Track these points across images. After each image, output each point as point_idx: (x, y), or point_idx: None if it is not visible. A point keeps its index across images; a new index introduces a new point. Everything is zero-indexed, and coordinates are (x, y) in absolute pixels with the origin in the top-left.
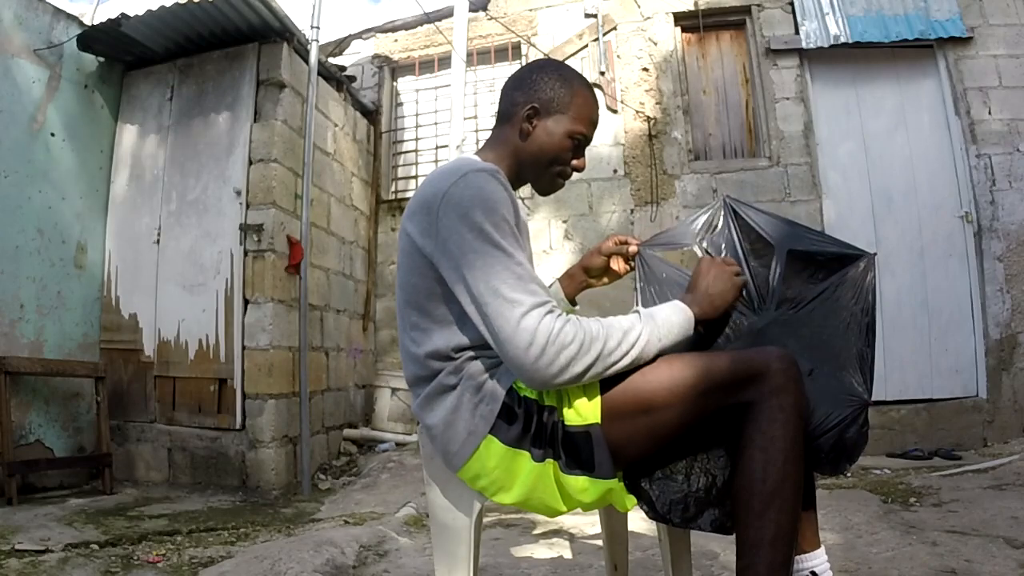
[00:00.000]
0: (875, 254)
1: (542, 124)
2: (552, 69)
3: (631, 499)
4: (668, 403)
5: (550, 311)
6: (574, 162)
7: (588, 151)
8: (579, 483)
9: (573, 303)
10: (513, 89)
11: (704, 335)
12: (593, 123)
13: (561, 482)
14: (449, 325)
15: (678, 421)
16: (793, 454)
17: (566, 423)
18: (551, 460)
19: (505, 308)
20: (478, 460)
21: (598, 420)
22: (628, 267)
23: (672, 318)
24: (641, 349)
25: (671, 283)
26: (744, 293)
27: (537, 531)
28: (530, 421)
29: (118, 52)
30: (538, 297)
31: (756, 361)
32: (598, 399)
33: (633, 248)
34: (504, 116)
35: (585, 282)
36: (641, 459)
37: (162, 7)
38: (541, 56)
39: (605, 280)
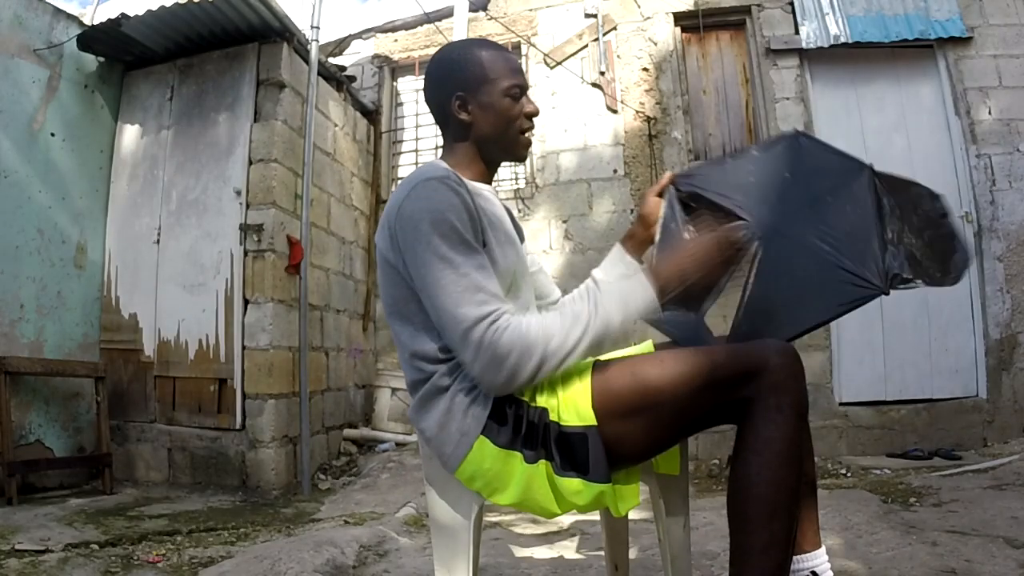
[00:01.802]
0: (871, 164)
1: (475, 104)
2: (447, 55)
3: (625, 503)
4: (664, 401)
5: (493, 321)
6: (526, 111)
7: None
8: (572, 485)
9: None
10: (432, 95)
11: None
12: (514, 70)
13: (555, 484)
14: (433, 329)
15: (675, 418)
16: (789, 457)
17: (562, 423)
18: (544, 461)
19: (451, 324)
20: (472, 461)
21: (595, 422)
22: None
23: (629, 298)
24: (590, 341)
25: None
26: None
27: (537, 531)
28: (520, 422)
29: (118, 52)
30: (482, 308)
31: (755, 356)
32: (590, 399)
33: (666, 177)
34: (443, 122)
35: (649, 236)
36: (638, 458)
37: (162, 7)
38: (540, 56)
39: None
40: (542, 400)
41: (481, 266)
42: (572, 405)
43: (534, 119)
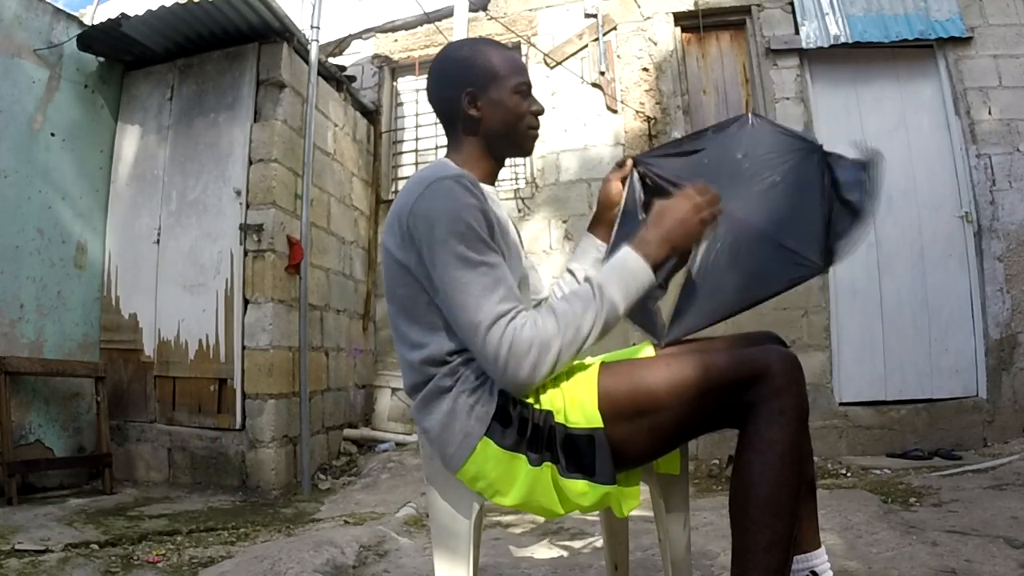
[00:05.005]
0: (820, 145)
1: (485, 99)
2: (454, 53)
3: (627, 503)
4: (667, 404)
5: (511, 319)
6: (532, 109)
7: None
8: (578, 487)
9: None
10: (439, 92)
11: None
12: (522, 68)
13: (560, 485)
14: (441, 330)
15: (678, 422)
16: (791, 458)
17: (569, 425)
18: (549, 464)
19: (469, 323)
20: (475, 462)
21: (601, 424)
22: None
23: (628, 279)
24: (601, 327)
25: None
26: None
27: (537, 531)
28: (525, 425)
29: (118, 52)
30: (500, 307)
31: (757, 361)
32: (596, 401)
33: (629, 164)
34: (450, 119)
35: (612, 218)
36: (640, 461)
37: (162, 7)
38: (540, 56)
39: None
40: (547, 402)
41: (497, 265)
42: (579, 407)
43: (540, 117)
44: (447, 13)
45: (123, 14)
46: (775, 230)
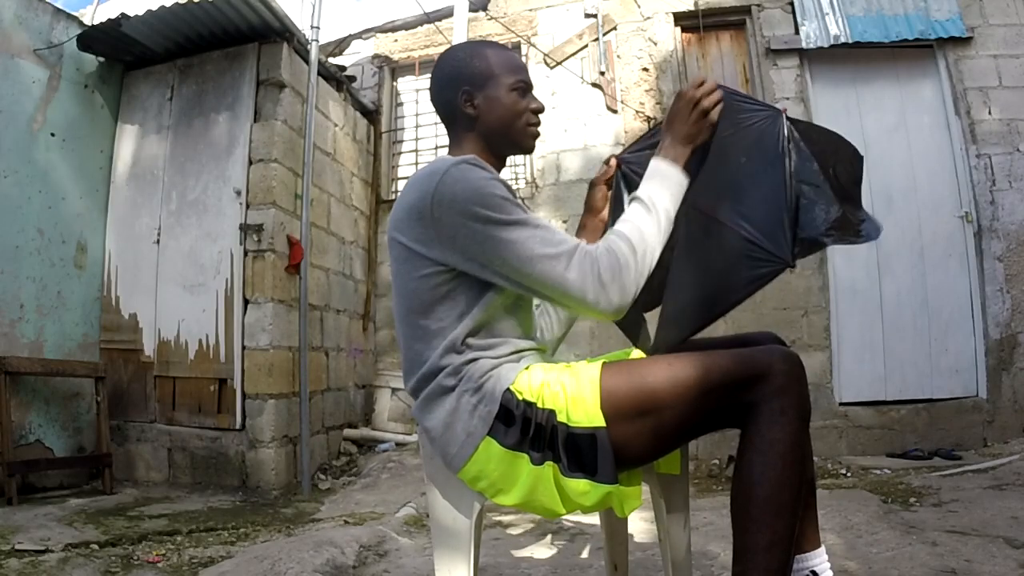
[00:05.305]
0: (784, 110)
1: (482, 97)
2: (453, 54)
3: (628, 503)
4: (670, 404)
5: (585, 252)
6: (532, 107)
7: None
8: (580, 486)
9: None
10: (439, 92)
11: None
12: (520, 67)
13: (561, 485)
14: (454, 323)
15: (680, 421)
16: (792, 458)
17: (571, 424)
18: (551, 463)
19: (547, 269)
20: (477, 462)
21: (604, 424)
22: None
23: (667, 184)
24: (661, 235)
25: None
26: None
27: (537, 531)
28: (528, 424)
29: (118, 52)
30: (568, 244)
31: (759, 361)
32: (599, 400)
33: (613, 162)
34: (449, 118)
35: (603, 223)
36: (642, 460)
37: (162, 7)
38: (540, 56)
39: None
40: (550, 402)
41: (539, 218)
42: (581, 407)
43: (540, 115)
44: (447, 13)
45: (123, 14)
46: (744, 224)
